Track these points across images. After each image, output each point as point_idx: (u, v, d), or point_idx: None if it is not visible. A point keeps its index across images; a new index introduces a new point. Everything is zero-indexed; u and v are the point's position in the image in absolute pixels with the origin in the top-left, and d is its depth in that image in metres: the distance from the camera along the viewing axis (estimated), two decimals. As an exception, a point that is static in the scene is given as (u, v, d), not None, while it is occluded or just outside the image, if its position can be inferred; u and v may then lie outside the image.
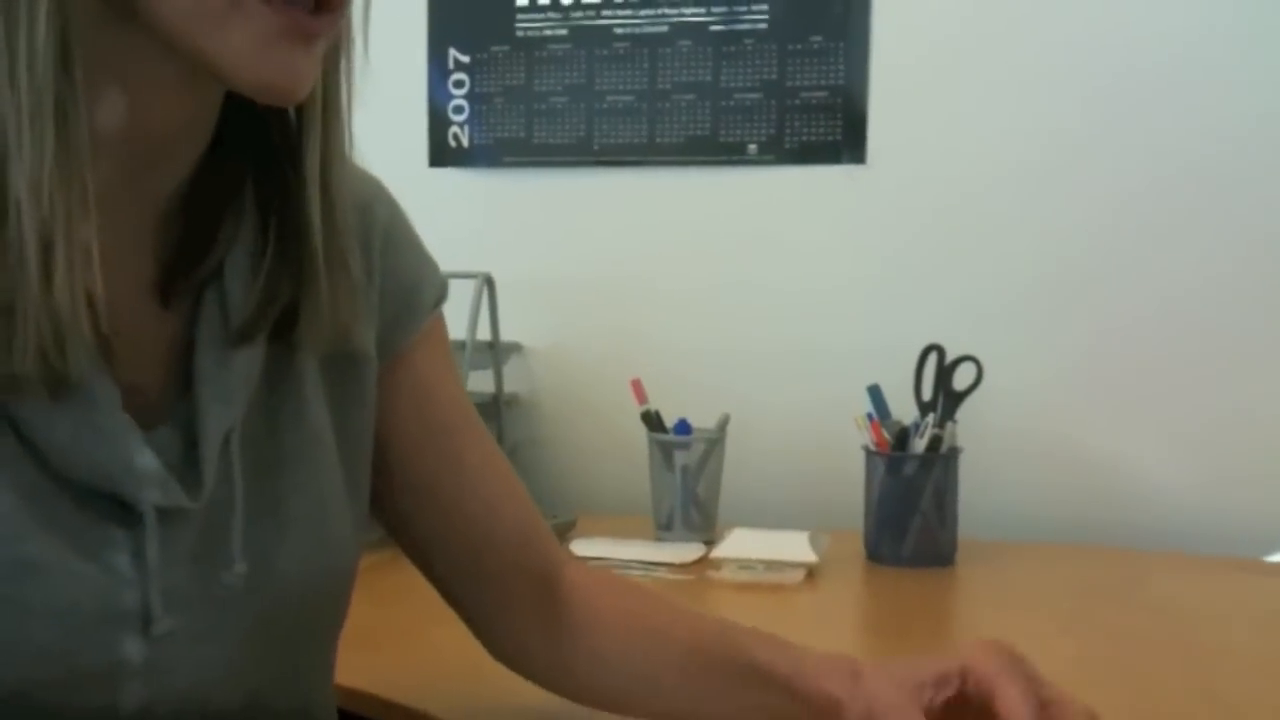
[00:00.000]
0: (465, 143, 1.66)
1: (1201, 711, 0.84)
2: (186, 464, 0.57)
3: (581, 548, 1.28)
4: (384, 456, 0.70)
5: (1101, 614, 1.11)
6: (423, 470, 0.71)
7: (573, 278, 1.61)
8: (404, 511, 0.72)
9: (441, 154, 1.67)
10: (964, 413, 1.33)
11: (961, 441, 1.32)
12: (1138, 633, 1.05)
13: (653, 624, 0.74)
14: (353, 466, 0.67)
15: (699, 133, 1.58)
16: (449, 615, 1.12)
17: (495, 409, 1.53)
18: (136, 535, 0.55)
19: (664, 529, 1.35)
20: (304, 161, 0.58)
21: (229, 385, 0.59)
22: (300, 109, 0.58)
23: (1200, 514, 1.42)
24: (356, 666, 0.72)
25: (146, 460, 0.55)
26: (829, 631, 1.05)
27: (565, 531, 1.34)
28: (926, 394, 1.33)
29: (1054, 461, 1.46)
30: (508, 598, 0.74)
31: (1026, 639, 0.93)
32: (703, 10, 1.57)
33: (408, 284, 0.70)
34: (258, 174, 0.60)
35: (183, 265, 0.59)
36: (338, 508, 0.64)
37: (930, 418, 1.29)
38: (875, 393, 1.33)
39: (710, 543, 1.28)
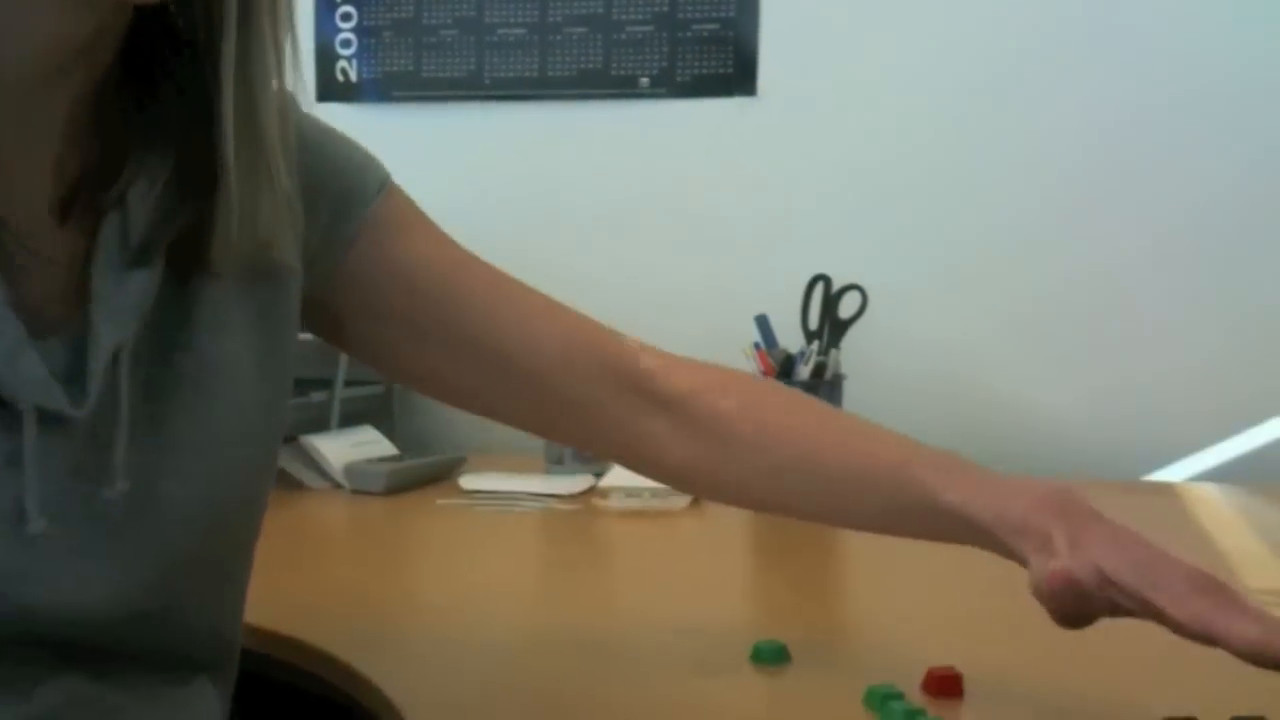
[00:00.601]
0: (353, 77, 1.63)
1: (1090, 637, 0.86)
2: (73, 376, 0.57)
3: (470, 481, 1.27)
4: (393, 339, 0.71)
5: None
6: (438, 330, 0.71)
7: (463, 213, 1.55)
8: (452, 377, 0.73)
9: (329, 89, 1.63)
10: (851, 343, 1.35)
11: (848, 370, 1.33)
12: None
13: (797, 438, 0.71)
14: (274, 390, 0.65)
15: (590, 66, 1.57)
16: (342, 550, 1.12)
17: (387, 347, 1.52)
18: (15, 437, 0.55)
19: (555, 463, 1.35)
20: (220, 64, 0.57)
21: (122, 303, 0.58)
22: (217, 10, 0.56)
23: (1081, 439, 1.45)
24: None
25: (29, 361, 0.55)
26: (712, 554, 1.06)
27: (454, 468, 1.33)
28: (813, 323, 1.34)
29: (939, 389, 1.48)
30: (601, 407, 0.72)
31: (905, 550, 0.96)
32: (592, -59, 1.55)
33: (337, 177, 0.69)
34: (180, 92, 0.59)
35: (91, 182, 0.58)
36: (239, 437, 0.63)
37: (815, 345, 1.31)
38: (763, 322, 1.34)
39: (600, 474, 1.28)
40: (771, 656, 0.74)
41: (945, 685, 0.69)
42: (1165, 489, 1.34)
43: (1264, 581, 0.95)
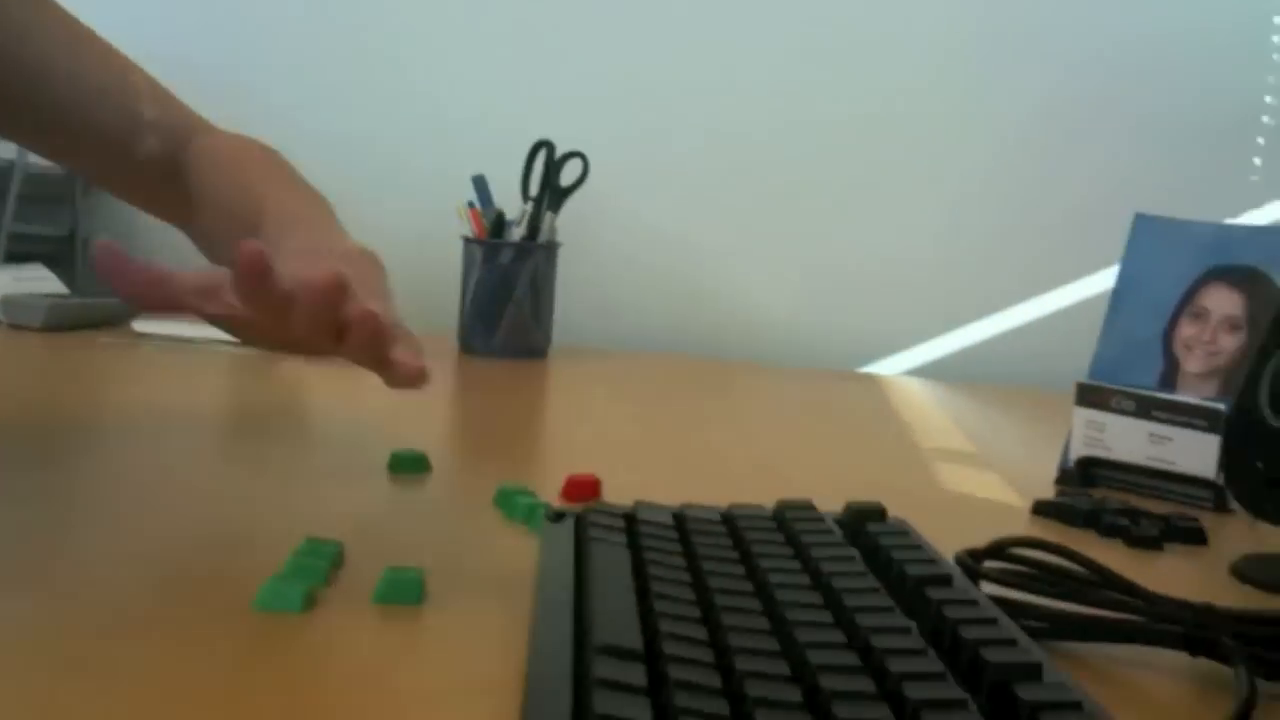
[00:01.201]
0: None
1: (748, 474, 0.84)
2: None
3: (144, 325, 1.17)
4: None
5: (679, 402, 1.12)
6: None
7: (160, 54, 1.46)
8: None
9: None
10: (571, 212, 1.31)
11: (565, 239, 1.29)
12: (707, 416, 1.06)
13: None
14: None
15: (321, -92, 1.47)
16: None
17: (70, 197, 1.39)
18: None
19: (248, 316, 1.26)
20: None
21: None
22: None
23: (795, 329, 1.47)
24: None
25: None
26: (412, 414, 1.00)
27: (128, 314, 1.22)
28: (534, 189, 1.29)
29: (655, 265, 1.47)
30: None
31: (605, 419, 0.95)
32: None
33: None
34: None
35: None
36: None
37: (529, 206, 1.26)
38: (480, 182, 1.29)
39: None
40: (410, 465, 0.70)
41: (582, 490, 0.66)
42: (872, 379, 1.37)
43: (935, 443, 0.97)
